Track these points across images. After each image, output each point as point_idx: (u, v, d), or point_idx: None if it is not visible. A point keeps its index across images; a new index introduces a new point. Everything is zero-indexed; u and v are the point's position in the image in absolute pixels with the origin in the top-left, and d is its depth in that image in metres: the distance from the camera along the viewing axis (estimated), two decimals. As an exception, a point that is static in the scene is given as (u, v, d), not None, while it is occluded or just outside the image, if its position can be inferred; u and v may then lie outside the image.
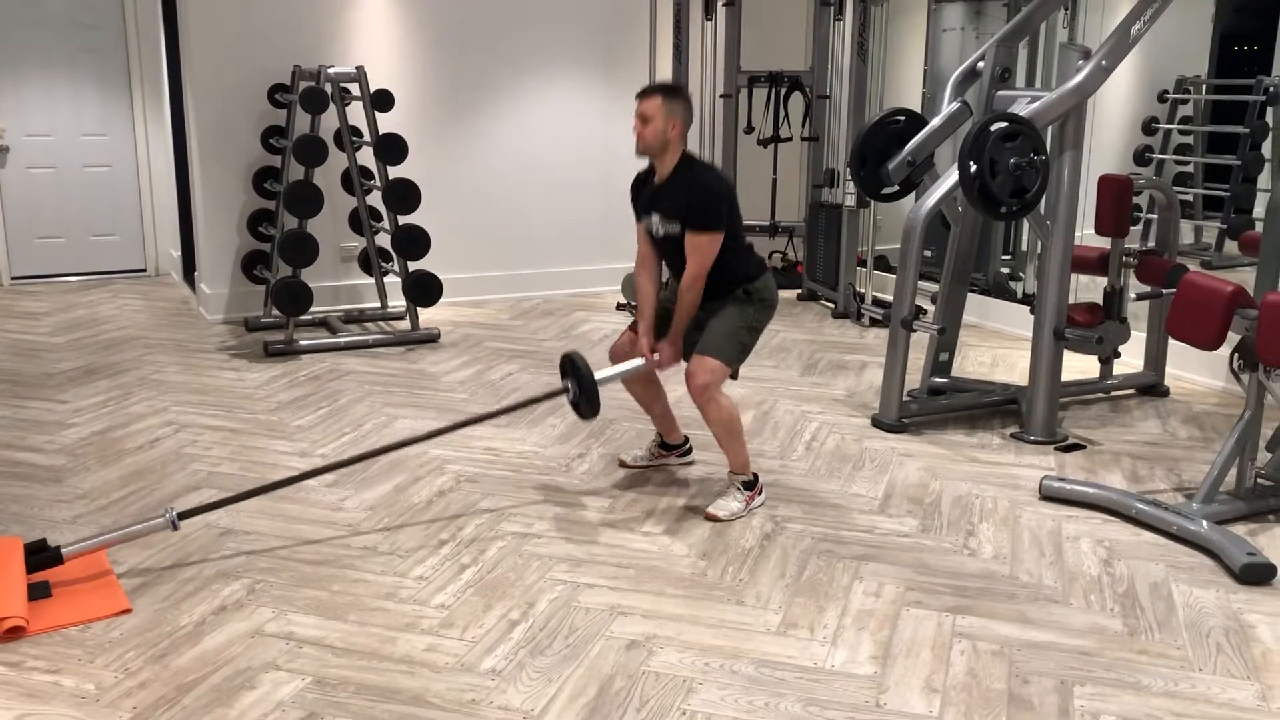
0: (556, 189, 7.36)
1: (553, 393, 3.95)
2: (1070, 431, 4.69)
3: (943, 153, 4.94)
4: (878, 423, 4.76)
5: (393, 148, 6.12)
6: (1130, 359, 5.36)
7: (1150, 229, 5.73)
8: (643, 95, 3.69)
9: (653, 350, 3.82)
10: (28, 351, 5.89)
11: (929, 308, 5.02)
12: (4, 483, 4.02)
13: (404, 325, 6.32)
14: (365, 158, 6.29)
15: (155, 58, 7.48)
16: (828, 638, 2.97)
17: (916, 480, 4.15)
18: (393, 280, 6.39)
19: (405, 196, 6.04)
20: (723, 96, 7.30)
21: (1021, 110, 4.36)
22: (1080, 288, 5.71)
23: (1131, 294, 4.96)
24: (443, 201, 6.88)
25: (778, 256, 8.18)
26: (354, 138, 6.18)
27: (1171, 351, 5.23)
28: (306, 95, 5.89)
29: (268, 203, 6.45)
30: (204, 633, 2.96)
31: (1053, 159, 4.39)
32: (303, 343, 5.90)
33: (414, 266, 6.13)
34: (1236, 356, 3.74)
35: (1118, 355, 5.17)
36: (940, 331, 4.86)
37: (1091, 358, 5.20)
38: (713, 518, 3.75)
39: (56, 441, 4.48)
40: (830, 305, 7.10)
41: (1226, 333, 3.67)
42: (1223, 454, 3.71)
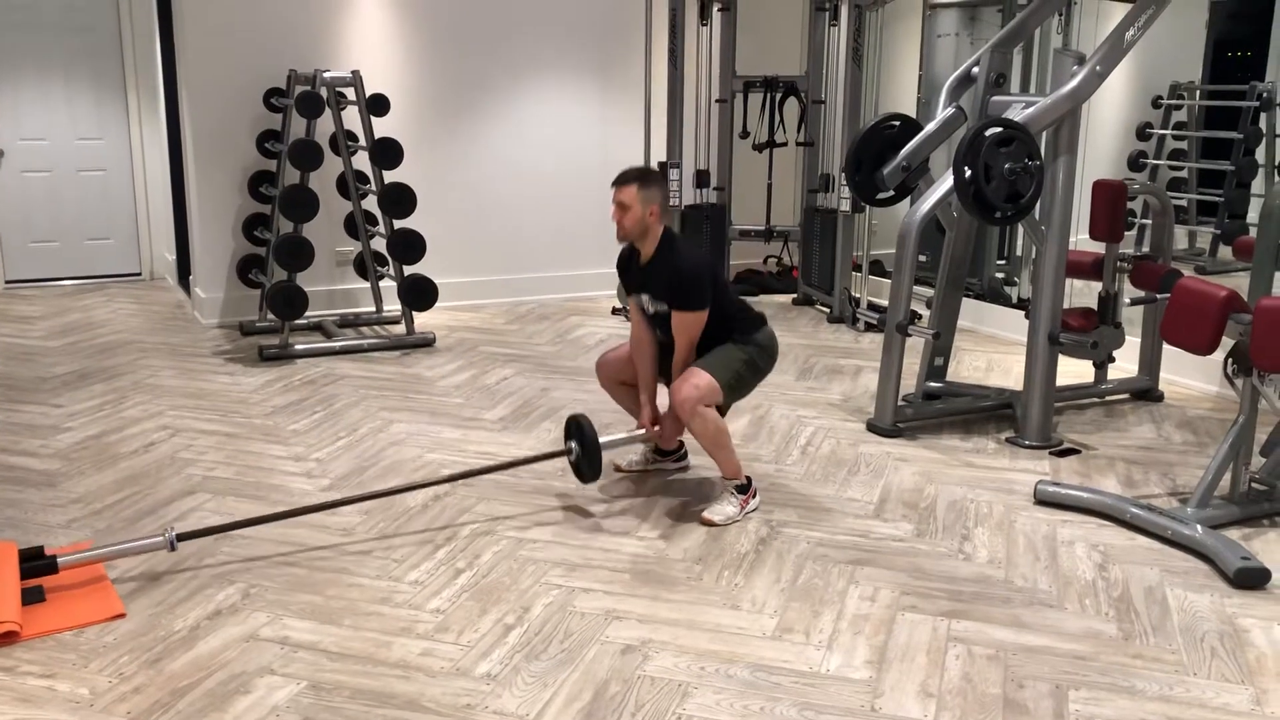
0: (552, 193, 7.36)
1: (554, 453, 3.98)
2: (1065, 436, 4.70)
3: (937, 158, 4.95)
4: (873, 427, 4.77)
5: (388, 152, 6.12)
6: (1124, 364, 5.37)
7: (1144, 234, 5.75)
8: (618, 184, 3.75)
9: (654, 423, 3.97)
10: (22, 356, 5.88)
11: (924, 312, 5.02)
12: (-2, 487, 4.02)
13: (399, 330, 6.32)
14: (361, 162, 6.29)
15: (150, 61, 7.48)
16: (823, 642, 2.97)
17: (911, 485, 4.16)
18: (388, 284, 6.39)
19: (400, 201, 6.04)
20: (718, 101, 7.32)
21: (1016, 115, 4.37)
22: (1075, 292, 5.72)
23: (1126, 299, 4.97)
24: (438, 206, 6.89)
25: (773, 261, 8.19)
26: (349, 142, 6.19)
27: (1166, 356, 5.24)
28: (302, 100, 5.89)
29: (263, 207, 6.44)
30: (198, 637, 2.96)
31: (1047, 164, 4.40)
32: (298, 347, 5.89)
33: (409, 271, 6.13)
34: (1231, 361, 3.75)
35: (1112, 360, 5.18)
36: (935, 336, 4.87)
37: (1086, 362, 5.21)
38: (708, 522, 3.75)
39: (51, 446, 4.47)
40: (825, 310, 7.11)
41: (1221, 337, 3.68)
42: (1217, 459, 3.71)
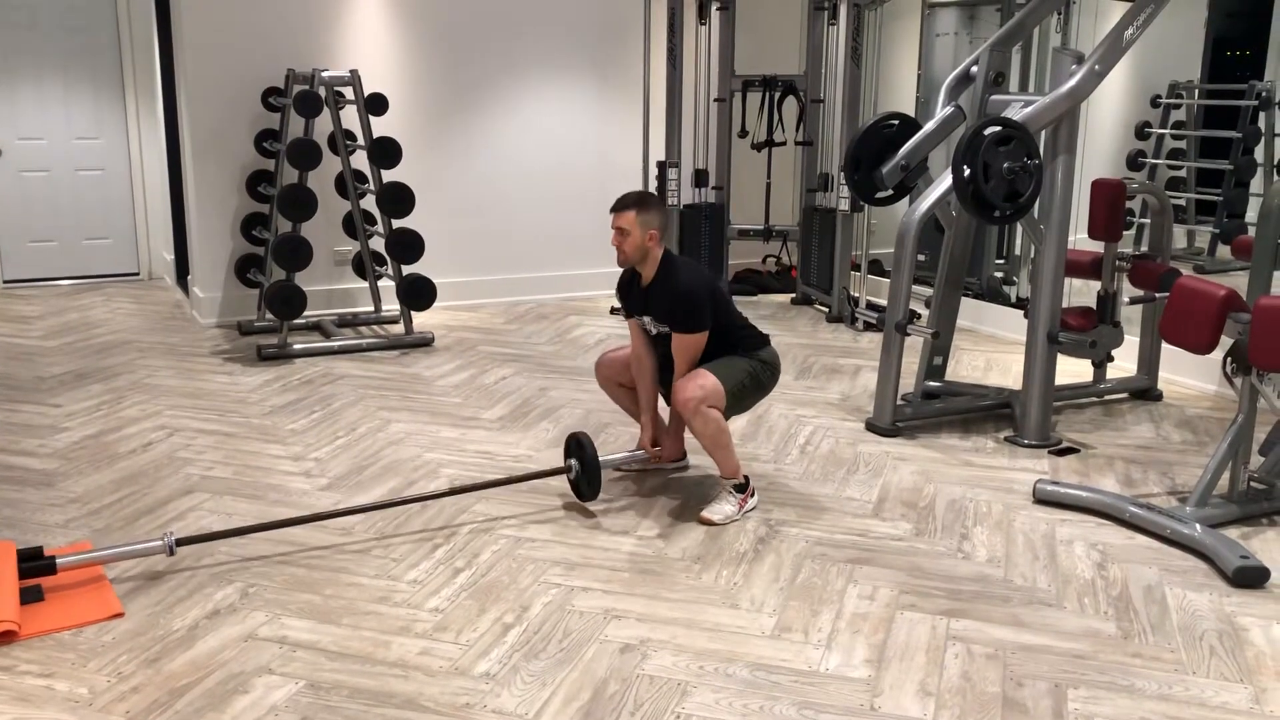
0: (550, 193, 7.36)
1: (555, 470, 3.96)
2: (1064, 435, 4.70)
3: (936, 157, 4.95)
4: (872, 427, 4.77)
5: (386, 151, 6.12)
6: (1123, 363, 5.37)
7: (1143, 233, 5.75)
8: (617, 209, 3.77)
9: (654, 444, 4.02)
10: (20, 355, 5.88)
11: (923, 312, 5.02)
12: (-4, 487, 4.01)
13: (398, 329, 6.32)
14: (359, 161, 6.28)
15: (149, 60, 7.48)
16: (822, 641, 2.97)
17: (911, 484, 4.16)
18: (386, 284, 6.38)
19: (399, 200, 6.04)
20: (717, 101, 7.31)
21: (1015, 115, 4.37)
22: (1074, 292, 5.72)
23: (1125, 298, 4.97)
24: (437, 205, 6.88)
25: (772, 260, 8.19)
26: (348, 141, 6.18)
27: (1164, 355, 5.24)
28: (300, 99, 5.89)
29: (261, 206, 6.44)
30: (197, 637, 2.95)
31: (1046, 163, 4.40)
32: (296, 347, 5.89)
33: (408, 270, 6.13)
34: (1229, 360, 3.74)
35: (1111, 359, 5.18)
36: (934, 335, 4.87)
37: (1085, 362, 5.21)
38: (706, 521, 3.75)
39: (49, 445, 4.47)
40: (824, 309, 7.11)
41: (1219, 337, 3.68)
42: (1216, 458, 3.71)
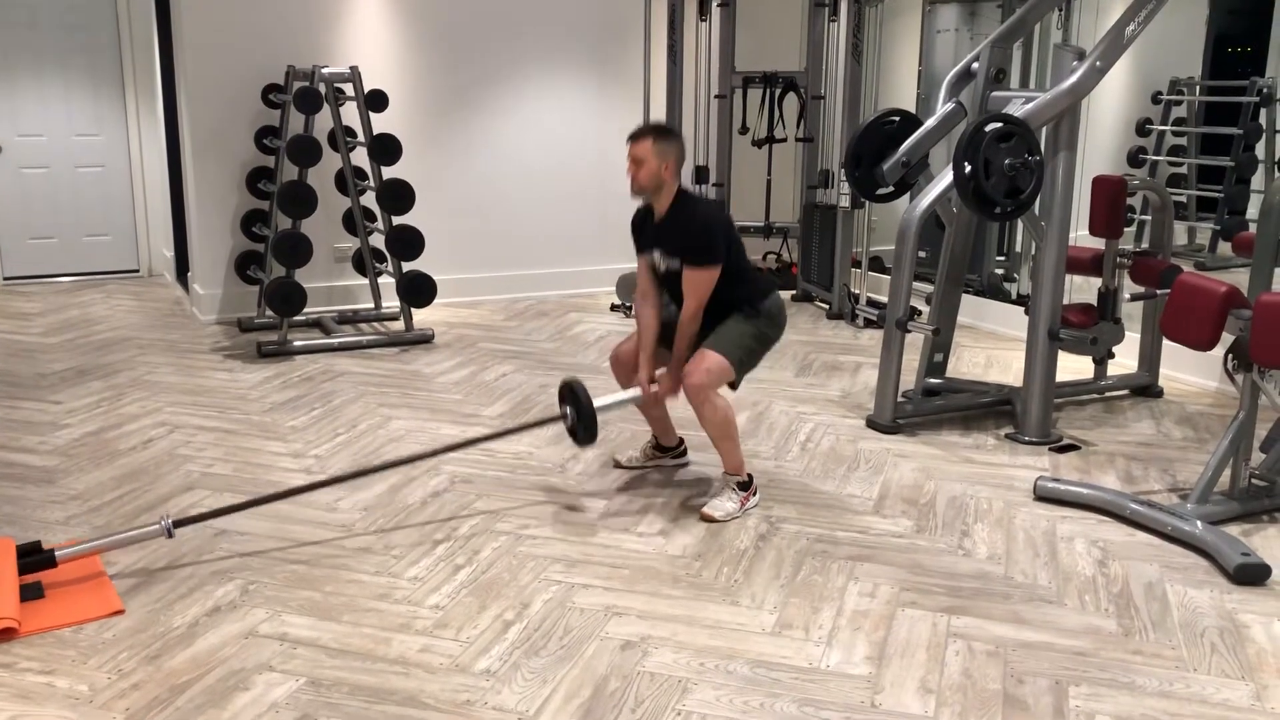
0: (551, 190, 7.36)
1: (550, 419, 3.99)
2: (1065, 432, 4.70)
3: (937, 153, 4.94)
4: (872, 424, 4.76)
5: (387, 148, 6.11)
6: (1124, 360, 5.37)
7: (1144, 230, 5.75)
8: (634, 138, 3.72)
9: (651, 380, 3.87)
10: (21, 352, 5.87)
11: (924, 309, 5.02)
12: (-4, 483, 4.01)
13: (398, 326, 6.31)
14: (359, 158, 6.27)
15: (149, 57, 7.47)
16: (823, 638, 2.97)
17: (911, 481, 4.15)
18: (387, 281, 6.38)
19: (399, 197, 6.03)
20: (717, 97, 7.31)
21: (1016, 111, 4.37)
22: (1074, 288, 5.72)
23: (1126, 295, 4.97)
24: (437, 202, 6.88)
25: (772, 258, 8.18)
26: (348, 138, 6.17)
27: (1165, 352, 5.23)
28: (300, 95, 5.88)
29: (261, 203, 6.44)
30: (197, 634, 2.95)
31: (1047, 160, 4.39)
32: (296, 344, 5.89)
33: (408, 267, 6.12)
34: (1231, 357, 3.74)
35: (1112, 356, 5.18)
36: (935, 332, 4.87)
37: (1086, 358, 5.21)
38: (708, 518, 3.74)
39: (49, 442, 4.47)
40: (825, 306, 7.10)
41: (1221, 333, 3.68)
42: (1217, 454, 3.71)
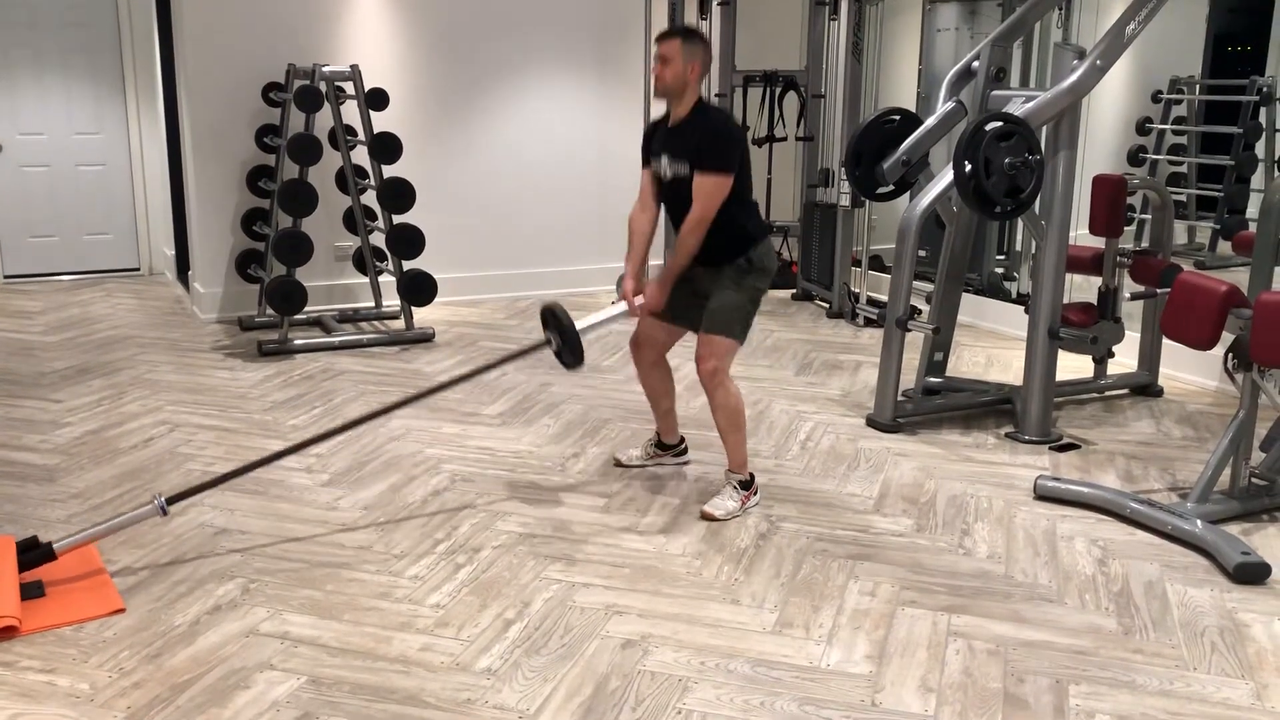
0: (551, 188, 7.35)
1: (534, 346, 3.87)
2: (1065, 431, 4.70)
3: (938, 152, 4.94)
4: (873, 422, 4.77)
5: (387, 147, 6.11)
6: (1124, 359, 5.37)
7: (1144, 229, 5.75)
8: (662, 38, 3.68)
9: (636, 293, 3.76)
10: (21, 350, 5.87)
11: (924, 308, 5.02)
12: (-3, 482, 4.01)
13: (398, 325, 6.31)
14: (360, 157, 6.27)
15: (149, 55, 7.47)
16: (823, 637, 2.97)
17: (911, 480, 4.16)
18: (387, 279, 6.38)
19: (400, 196, 6.03)
20: (718, 96, 7.31)
21: (1016, 110, 4.37)
22: (1074, 287, 5.72)
23: (1126, 294, 4.97)
24: (437, 201, 6.87)
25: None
26: (348, 137, 6.17)
27: (1165, 351, 5.23)
28: (301, 94, 5.88)
29: (262, 201, 6.43)
30: (198, 632, 2.95)
31: (1047, 159, 4.39)
32: (297, 342, 5.89)
33: (408, 266, 6.12)
34: (1231, 356, 3.74)
35: (1112, 355, 5.18)
36: (935, 331, 4.87)
37: (1086, 357, 5.21)
38: (708, 517, 3.74)
39: (50, 441, 4.47)
40: (825, 305, 7.10)
41: (1221, 332, 3.68)
42: (1217, 453, 3.71)
